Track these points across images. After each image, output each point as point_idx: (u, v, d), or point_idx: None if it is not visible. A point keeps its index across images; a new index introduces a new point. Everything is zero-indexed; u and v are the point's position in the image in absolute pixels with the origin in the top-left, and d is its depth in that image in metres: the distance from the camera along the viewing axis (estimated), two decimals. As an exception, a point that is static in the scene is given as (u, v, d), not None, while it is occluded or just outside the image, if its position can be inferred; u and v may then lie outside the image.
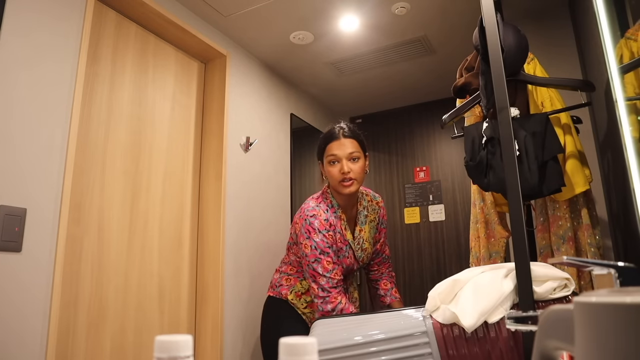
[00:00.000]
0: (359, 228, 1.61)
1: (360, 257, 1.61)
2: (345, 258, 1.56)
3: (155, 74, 2.00)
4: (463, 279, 0.97)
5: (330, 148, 1.56)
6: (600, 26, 1.16)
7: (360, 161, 1.56)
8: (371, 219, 1.65)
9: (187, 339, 0.41)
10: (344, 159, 1.53)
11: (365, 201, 1.68)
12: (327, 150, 1.57)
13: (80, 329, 1.53)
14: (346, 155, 1.53)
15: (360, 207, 1.66)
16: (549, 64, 1.69)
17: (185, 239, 2.04)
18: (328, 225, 1.52)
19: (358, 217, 1.64)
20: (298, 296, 1.62)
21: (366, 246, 1.62)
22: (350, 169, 1.51)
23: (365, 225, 1.63)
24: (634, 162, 1.02)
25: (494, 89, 0.99)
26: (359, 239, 1.61)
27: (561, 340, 0.36)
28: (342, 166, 1.52)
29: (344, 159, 1.53)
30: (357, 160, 1.55)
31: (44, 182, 1.40)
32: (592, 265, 0.77)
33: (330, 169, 1.55)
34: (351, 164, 1.53)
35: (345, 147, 1.54)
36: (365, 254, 1.63)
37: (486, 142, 1.35)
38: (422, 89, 3.08)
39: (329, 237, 1.50)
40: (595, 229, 1.45)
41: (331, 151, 1.55)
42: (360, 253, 1.60)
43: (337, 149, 1.54)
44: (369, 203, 1.69)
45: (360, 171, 1.55)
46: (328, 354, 0.93)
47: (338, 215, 1.57)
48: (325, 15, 2.17)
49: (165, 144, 2.00)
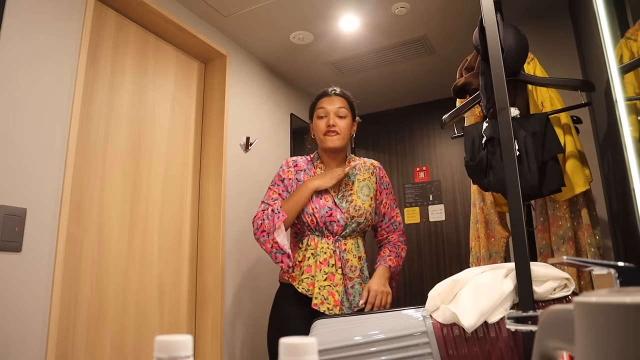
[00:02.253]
0: (345, 182, 1.61)
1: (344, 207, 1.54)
2: (319, 198, 1.53)
3: (155, 74, 2.00)
4: (463, 279, 0.97)
5: (320, 103, 1.64)
6: (600, 26, 1.16)
7: (347, 119, 1.62)
8: (362, 178, 1.63)
9: (187, 339, 0.41)
10: (331, 112, 1.60)
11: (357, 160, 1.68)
12: (317, 105, 1.65)
13: (80, 329, 1.53)
14: (334, 110, 1.60)
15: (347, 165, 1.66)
16: (549, 64, 1.69)
17: (185, 239, 2.04)
18: (292, 164, 1.63)
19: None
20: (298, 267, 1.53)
21: (353, 198, 1.56)
22: (335, 123, 1.58)
23: (354, 181, 1.61)
24: (634, 162, 1.03)
25: (494, 89, 0.99)
26: (344, 191, 1.58)
27: (561, 340, 0.36)
28: (329, 119, 1.59)
29: (332, 113, 1.60)
30: (344, 117, 1.61)
31: (44, 182, 1.40)
32: (592, 265, 0.77)
33: (317, 122, 1.62)
34: (338, 119, 1.59)
35: (334, 102, 1.62)
36: (352, 206, 1.55)
37: (486, 142, 1.35)
38: (422, 89, 3.08)
39: (286, 171, 1.61)
40: (595, 229, 1.45)
41: (320, 105, 1.63)
42: (344, 204, 1.55)
43: (326, 103, 1.62)
44: (362, 164, 1.68)
45: (345, 128, 1.60)
46: (328, 354, 0.93)
47: (314, 164, 1.65)
48: (325, 15, 2.17)
49: (165, 144, 2.00)
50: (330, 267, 1.49)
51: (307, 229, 1.54)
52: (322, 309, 1.43)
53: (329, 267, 1.49)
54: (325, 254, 1.50)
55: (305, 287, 1.48)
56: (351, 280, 1.50)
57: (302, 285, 1.48)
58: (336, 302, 1.45)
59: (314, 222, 1.52)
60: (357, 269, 1.53)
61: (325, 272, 1.48)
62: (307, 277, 1.49)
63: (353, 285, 1.50)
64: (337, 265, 1.49)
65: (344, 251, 1.52)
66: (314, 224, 1.52)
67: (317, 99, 1.67)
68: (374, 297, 1.44)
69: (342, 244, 1.53)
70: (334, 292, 1.46)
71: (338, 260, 1.50)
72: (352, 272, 1.51)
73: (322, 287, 1.46)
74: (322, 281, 1.47)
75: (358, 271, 1.53)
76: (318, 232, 1.53)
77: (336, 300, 1.45)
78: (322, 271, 1.48)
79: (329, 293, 1.46)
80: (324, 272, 1.48)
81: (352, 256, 1.53)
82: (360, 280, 1.53)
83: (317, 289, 1.45)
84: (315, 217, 1.51)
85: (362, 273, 1.54)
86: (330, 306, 1.44)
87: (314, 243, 1.52)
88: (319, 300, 1.44)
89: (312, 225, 1.52)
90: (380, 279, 1.49)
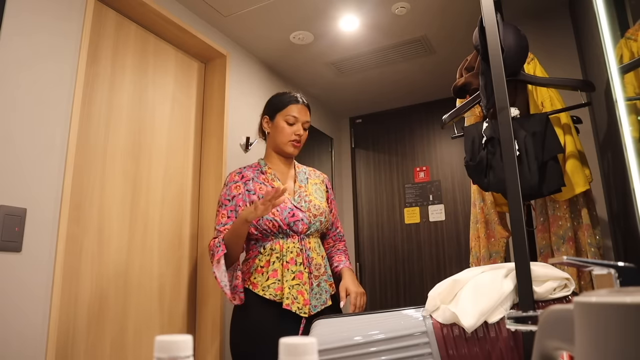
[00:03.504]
0: (299, 185, 1.65)
1: (304, 206, 1.56)
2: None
3: (155, 74, 2.00)
4: (463, 279, 0.97)
5: (291, 109, 1.66)
6: (600, 26, 1.16)
7: (307, 132, 1.69)
8: (314, 182, 1.70)
9: (187, 339, 0.41)
10: (301, 123, 1.66)
11: (304, 167, 1.75)
12: (288, 110, 1.66)
13: (80, 329, 1.53)
14: (303, 122, 1.67)
15: (297, 169, 1.72)
16: (549, 64, 1.69)
17: (185, 238, 2.04)
18: (239, 177, 1.62)
19: (297, 177, 1.68)
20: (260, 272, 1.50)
21: (310, 198, 1.61)
22: (301, 134, 1.66)
23: (306, 184, 1.67)
24: (634, 162, 1.03)
25: (494, 89, 0.99)
26: (300, 192, 1.61)
27: (561, 340, 0.36)
28: (299, 128, 1.65)
29: (301, 124, 1.66)
30: (306, 130, 1.69)
31: (44, 182, 1.40)
32: (592, 265, 0.77)
33: (285, 126, 1.64)
34: (302, 131, 1.67)
35: (305, 114, 1.68)
36: (312, 205, 1.58)
37: (486, 142, 1.35)
38: (422, 89, 3.08)
39: (233, 188, 1.59)
40: (595, 229, 1.45)
41: (292, 112, 1.65)
42: (303, 203, 1.57)
43: (298, 113, 1.65)
44: (311, 171, 1.76)
45: (305, 139, 1.69)
46: (328, 354, 0.93)
47: (262, 170, 1.65)
48: (325, 15, 2.17)
49: (165, 144, 2.00)
50: (297, 266, 1.49)
51: (270, 234, 1.51)
52: (293, 308, 1.43)
53: (297, 265, 1.49)
54: (292, 253, 1.50)
55: (273, 292, 1.46)
56: (317, 278, 1.52)
57: (268, 291, 1.46)
58: (305, 301, 1.45)
59: (277, 225, 1.50)
60: (322, 267, 1.56)
61: (292, 271, 1.48)
62: (274, 282, 1.47)
63: (319, 283, 1.52)
64: (304, 263, 1.50)
65: (309, 249, 1.54)
66: (277, 227, 1.50)
67: (288, 103, 1.67)
68: (355, 298, 1.48)
69: (307, 242, 1.54)
70: (302, 291, 1.46)
71: (305, 259, 1.51)
72: (317, 270, 1.53)
73: (292, 287, 1.46)
74: (291, 280, 1.47)
75: (322, 268, 1.56)
76: (282, 235, 1.52)
77: (305, 299, 1.45)
78: (289, 271, 1.48)
79: (298, 292, 1.46)
80: (292, 271, 1.48)
81: (316, 254, 1.55)
82: (325, 277, 1.55)
83: (287, 289, 1.45)
84: (278, 220, 1.50)
85: (326, 271, 1.57)
86: (300, 305, 1.44)
87: (278, 246, 1.50)
88: (290, 300, 1.44)
89: (274, 230, 1.50)
90: (354, 280, 1.57)
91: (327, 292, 1.53)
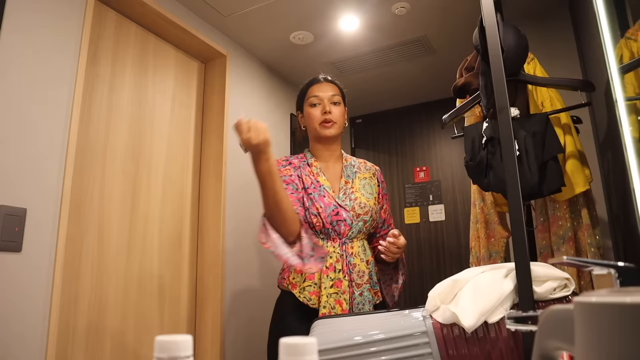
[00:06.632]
0: (345, 180, 1.51)
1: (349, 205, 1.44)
2: (322, 197, 1.43)
3: (155, 74, 2.00)
4: (463, 279, 0.97)
5: (312, 90, 1.54)
6: (600, 26, 1.16)
7: (340, 106, 1.54)
8: (363, 177, 1.55)
9: (187, 339, 0.41)
10: (325, 99, 1.51)
11: (353, 160, 1.60)
12: (309, 93, 1.55)
13: (80, 329, 1.53)
14: (328, 97, 1.52)
15: (345, 162, 1.57)
16: (549, 64, 1.68)
17: (185, 239, 2.04)
18: (287, 163, 1.51)
19: (344, 172, 1.54)
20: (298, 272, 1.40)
21: (356, 195, 1.47)
22: (331, 110, 1.50)
23: (354, 179, 1.53)
24: (634, 162, 1.03)
25: (494, 89, 0.99)
26: (345, 189, 1.48)
27: (561, 340, 0.36)
28: (324, 106, 1.50)
29: (326, 100, 1.51)
30: (338, 104, 1.53)
31: (44, 182, 1.40)
32: (592, 265, 0.77)
33: (311, 111, 1.52)
34: (332, 106, 1.51)
35: (327, 89, 1.54)
36: (357, 203, 1.45)
37: (486, 142, 1.35)
38: (422, 89, 3.08)
39: (283, 172, 1.45)
40: (595, 229, 1.45)
41: (313, 93, 1.53)
42: (348, 202, 1.45)
43: (318, 91, 1.53)
44: (361, 164, 1.60)
45: (340, 116, 1.53)
46: (328, 354, 0.93)
47: (308, 162, 1.53)
48: (325, 15, 2.17)
49: (165, 144, 2.00)
50: (337, 273, 1.36)
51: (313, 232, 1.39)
52: None
53: (336, 272, 1.36)
54: (332, 259, 1.38)
55: (307, 295, 1.36)
56: (359, 286, 1.38)
57: (303, 293, 1.36)
58: (344, 312, 1.33)
59: (320, 223, 1.39)
60: (366, 274, 1.40)
61: (331, 278, 1.35)
62: (310, 284, 1.36)
63: (362, 292, 1.38)
64: (344, 270, 1.37)
65: (351, 255, 1.40)
66: (320, 225, 1.39)
67: (307, 87, 1.57)
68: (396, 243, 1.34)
69: (348, 247, 1.41)
70: (341, 301, 1.33)
71: (345, 265, 1.38)
72: (359, 278, 1.38)
73: (329, 295, 1.34)
74: (329, 288, 1.34)
75: (366, 276, 1.40)
76: (324, 235, 1.41)
77: (344, 309, 1.33)
78: (328, 277, 1.35)
79: (335, 301, 1.33)
80: (330, 278, 1.35)
81: (359, 260, 1.41)
82: (369, 286, 1.40)
83: (324, 297, 1.33)
84: (321, 217, 1.39)
85: (370, 278, 1.41)
86: None
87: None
88: (327, 309, 1.32)
89: (318, 228, 1.40)
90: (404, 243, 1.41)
91: (370, 302, 1.39)
